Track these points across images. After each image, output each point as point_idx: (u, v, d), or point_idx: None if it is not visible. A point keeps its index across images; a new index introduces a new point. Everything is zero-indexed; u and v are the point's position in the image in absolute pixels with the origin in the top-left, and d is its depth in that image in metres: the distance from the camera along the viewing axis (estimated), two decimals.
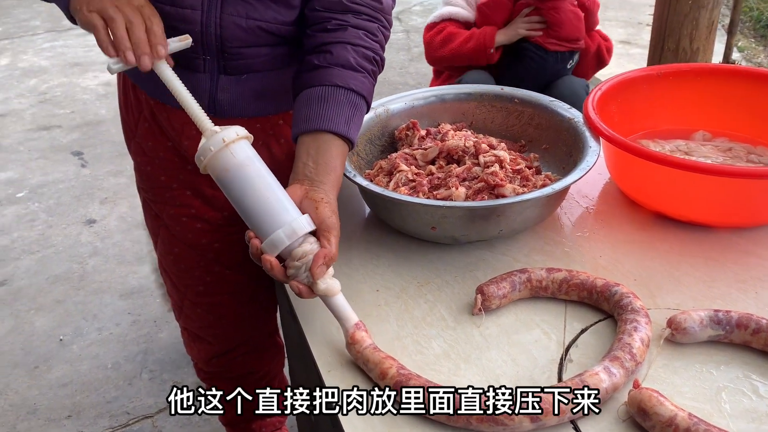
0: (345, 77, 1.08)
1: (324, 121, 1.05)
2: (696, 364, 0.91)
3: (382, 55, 1.16)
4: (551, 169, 1.28)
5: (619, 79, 1.35)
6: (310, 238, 0.96)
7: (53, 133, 4.03)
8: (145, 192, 1.44)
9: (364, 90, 1.10)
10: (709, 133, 1.37)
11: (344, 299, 0.95)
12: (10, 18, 6.05)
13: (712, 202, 1.14)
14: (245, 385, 1.70)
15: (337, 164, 1.05)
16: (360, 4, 1.13)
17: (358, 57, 1.10)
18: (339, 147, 1.05)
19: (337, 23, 1.12)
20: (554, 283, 1.02)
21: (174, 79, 1.03)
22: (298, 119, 1.08)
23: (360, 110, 1.10)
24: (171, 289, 1.54)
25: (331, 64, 1.09)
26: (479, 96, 1.42)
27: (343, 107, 1.07)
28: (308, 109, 1.07)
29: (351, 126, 1.07)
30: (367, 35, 1.12)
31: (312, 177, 1.02)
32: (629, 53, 4.95)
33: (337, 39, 1.11)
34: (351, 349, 0.92)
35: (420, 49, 5.14)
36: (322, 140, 1.04)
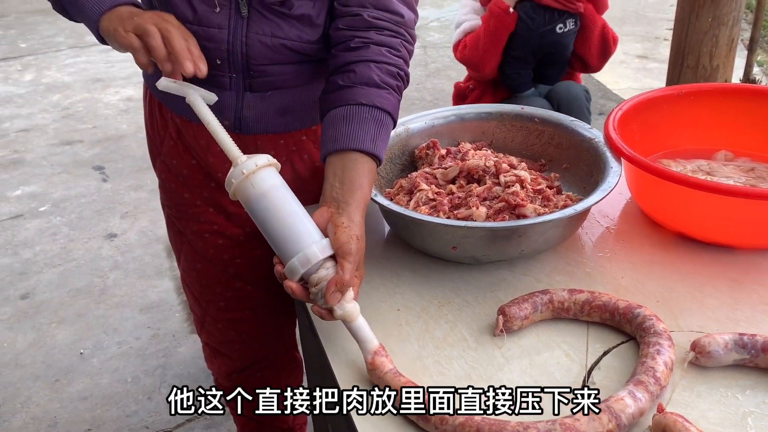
0: (369, 95, 1.09)
1: (349, 139, 1.05)
2: (721, 388, 0.90)
3: (406, 70, 1.16)
4: (572, 189, 1.28)
5: (640, 98, 1.35)
6: (328, 263, 0.96)
7: (75, 148, 4.10)
8: (169, 209, 1.46)
9: (389, 106, 1.10)
10: (732, 153, 1.37)
11: (364, 322, 0.95)
12: (35, 34, 6.17)
13: (735, 224, 1.13)
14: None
15: (364, 182, 1.04)
16: (382, 19, 1.14)
17: (381, 74, 1.11)
18: (365, 164, 1.06)
19: (360, 41, 1.13)
20: (576, 304, 1.02)
21: (205, 110, 1.07)
22: (324, 140, 1.09)
23: (386, 126, 1.10)
24: (193, 304, 1.56)
25: (354, 83, 1.10)
26: (499, 115, 1.42)
27: (369, 125, 1.07)
28: (334, 129, 1.08)
29: (377, 142, 1.07)
30: (390, 51, 1.13)
31: (338, 198, 1.02)
32: (646, 68, 4.94)
33: (360, 57, 1.12)
34: (371, 375, 0.91)
35: (437, 64, 5.16)
36: (348, 159, 1.05)
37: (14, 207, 3.47)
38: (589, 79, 4.49)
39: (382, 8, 1.14)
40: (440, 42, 5.62)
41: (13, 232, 3.23)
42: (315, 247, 0.95)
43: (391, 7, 1.15)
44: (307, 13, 1.16)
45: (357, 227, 0.99)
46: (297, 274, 0.96)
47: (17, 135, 4.29)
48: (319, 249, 0.96)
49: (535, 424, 0.79)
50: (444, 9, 6.41)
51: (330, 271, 0.96)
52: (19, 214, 3.39)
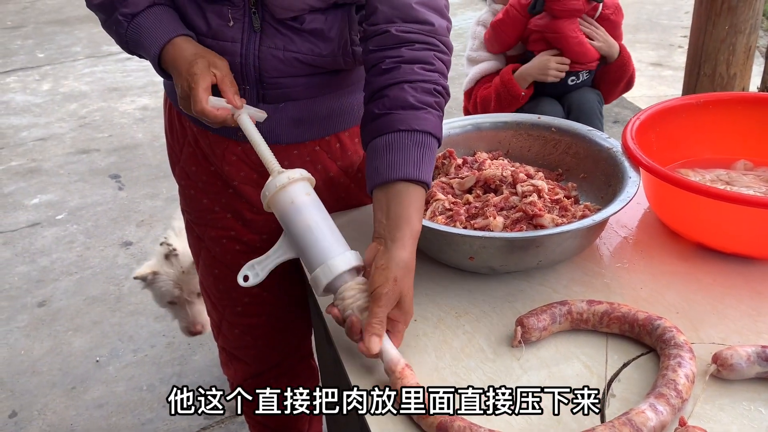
0: (407, 120, 1.04)
1: (392, 169, 1.01)
2: (743, 401, 0.89)
3: (444, 83, 1.11)
4: (589, 199, 1.27)
5: (658, 108, 1.34)
6: (358, 279, 0.98)
7: (92, 157, 4.14)
8: (188, 214, 1.48)
9: (430, 126, 1.05)
10: (751, 163, 1.35)
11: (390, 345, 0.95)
12: (53, 44, 6.25)
13: (755, 234, 1.11)
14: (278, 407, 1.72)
15: (411, 212, 1.00)
16: (411, 32, 1.09)
17: (416, 93, 1.06)
18: (412, 193, 1.01)
19: (392, 62, 1.08)
20: (595, 315, 1.01)
21: (251, 127, 1.11)
22: (369, 174, 1.05)
23: (429, 148, 1.05)
24: (210, 308, 1.58)
25: (390, 109, 1.05)
26: (516, 125, 1.42)
27: (410, 150, 1.02)
28: (376, 161, 1.04)
29: (422, 167, 1.02)
30: (423, 68, 1.08)
31: (384, 236, 0.99)
32: (661, 75, 4.91)
33: (393, 80, 1.07)
34: (397, 384, 0.90)
35: (451, 73, 5.15)
36: (393, 191, 1.01)
37: (31, 215, 3.50)
38: None
39: (411, 20, 1.09)
40: (455, 51, 5.62)
41: (30, 240, 3.27)
42: (339, 258, 0.97)
43: (420, 17, 1.10)
44: (319, 27, 1.17)
45: (399, 268, 0.95)
46: (320, 286, 0.98)
47: (35, 144, 4.34)
48: (341, 261, 0.97)
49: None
50: (457, 17, 6.42)
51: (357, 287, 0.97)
52: (37, 222, 3.43)
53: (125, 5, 1.15)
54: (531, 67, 2.36)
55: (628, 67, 2.45)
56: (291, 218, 1.02)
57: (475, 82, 2.49)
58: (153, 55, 1.15)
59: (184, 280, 2.00)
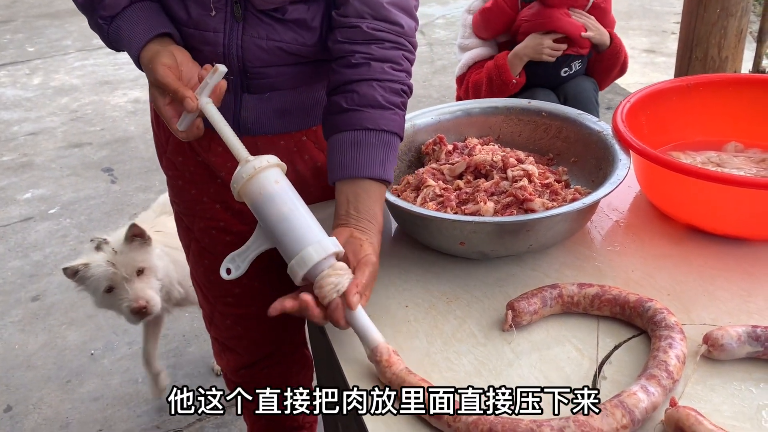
0: (375, 119, 1.08)
1: (359, 167, 1.06)
2: (734, 381, 0.89)
3: (409, 83, 1.15)
4: (580, 183, 1.27)
5: (648, 90, 1.34)
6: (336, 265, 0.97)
7: (84, 150, 4.12)
8: (177, 205, 1.47)
9: (395, 127, 1.10)
10: (741, 144, 1.35)
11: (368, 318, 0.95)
12: (43, 38, 6.21)
13: (746, 215, 1.11)
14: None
15: (377, 210, 1.06)
16: (381, 30, 1.12)
17: (385, 93, 1.09)
18: (376, 191, 1.07)
19: (362, 57, 1.10)
20: (586, 298, 1.01)
21: (215, 113, 1.08)
22: (333, 166, 1.09)
23: (393, 147, 1.10)
24: (202, 300, 1.57)
25: (359, 105, 1.09)
26: (506, 110, 1.41)
27: (377, 150, 1.07)
28: (342, 155, 1.07)
29: (386, 166, 1.08)
30: (392, 67, 1.11)
31: (356, 225, 1.04)
32: (654, 62, 4.91)
33: (363, 76, 1.10)
34: (385, 372, 0.90)
35: (443, 61, 5.15)
36: (360, 187, 1.06)
37: (24, 210, 3.49)
38: None
39: (382, 19, 1.12)
40: (446, 39, 5.60)
41: (23, 235, 3.25)
42: (330, 240, 0.97)
43: (390, 18, 1.12)
44: (301, 18, 1.16)
45: (377, 247, 1.03)
46: (307, 266, 0.95)
47: (26, 138, 4.32)
48: (315, 250, 0.95)
49: (549, 422, 0.78)
50: (449, 6, 6.39)
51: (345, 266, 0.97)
52: (29, 217, 3.41)
53: (103, 8, 1.13)
54: (525, 47, 2.34)
55: (620, 54, 2.45)
56: (261, 209, 1.00)
57: (467, 67, 2.49)
58: (134, 58, 1.15)
59: (119, 260, 1.85)
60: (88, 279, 1.86)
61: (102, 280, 1.85)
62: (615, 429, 0.79)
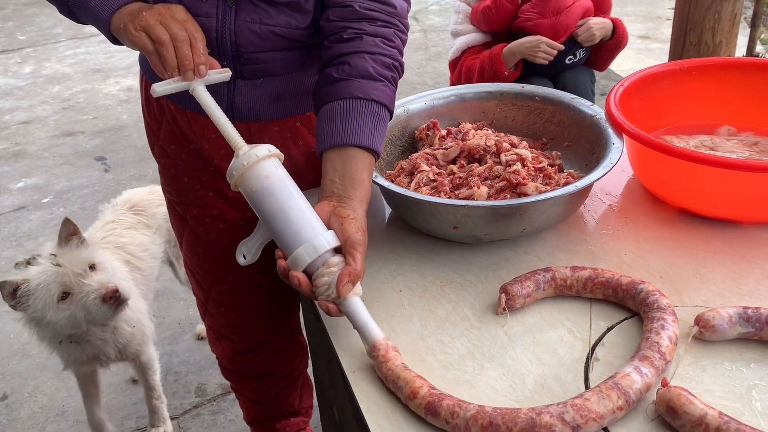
0: (365, 88, 1.08)
1: (347, 135, 1.04)
2: (725, 362, 0.89)
3: (401, 60, 1.15)
4: (574, 167, 1.27)
5: (642, 74, 1.34)
6: (334, 258, 0.96)
7: (77, 139, 4.10)
8: (169, 194, 1.46)
9: (386, 99, 1.09)
10: (734, 128, 1.35)
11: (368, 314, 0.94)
12: (33, 26, 6.15)
13: (738, 198, 1.12)
14: (269, 384, 1.74)
15: (364, 177, 1.04)
16: (374, 10, 1.12)
17: (376, 65, 1.09)
18: (365, 159, 1.05)
19: (353, 32, 1.11)
20: (579, 281, 1.01)
21: (209, 101, 1.06)
22: (321, 135, 1.07)
23: (383, 120, 1.09)
24: (196, 288, 1.57)
25: (350, 75, 1.08)
26: (500, 94, 1.41)
27: (366, 119, 1.06)
28: (331, 124, 1.06)
29: (375, 137, 1.06)
30: (384, 42, 1.11)
31: (340, 193, 1.02)
32: (649, 48, 4.90)
33: (354, 49, 1.10)
34: (381, 367, 0.89)
35: (437, 48, 5.13)
36: (347, 155, 1.04)
37: (17, 199, 3.47)
38: None
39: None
40: (440, 25, 5.58)
41: (16, 224, 3.24)
42: (322, 238, 0.95)
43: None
44: (295, 0, 1.15)
45: (362, 220, 0.99)
46: (300, 266, 0.95)
47: (18, 127, 4.29)
48: (326, 240, 0.95)
49: (547, 408, 0.79)
50: None
51: (339, 262, 0.95)
52: (22, 206, 3.40)
53: None
54: (521, 44, 2.34)
55: (623, 41, 2.46)
56: (258, 202, 0.99)
57: (460, 52, 2.48)
58: (103, 18, 1.08)
59: (65, 261, 1.57)
60: (32, 294, 1.55)
61: (52, 286, 1.55)
62: (611, 411, 0.79)
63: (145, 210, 2.10)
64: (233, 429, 2.11)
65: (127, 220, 2.05)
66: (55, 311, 1.56)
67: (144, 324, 1.89)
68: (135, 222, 2.06)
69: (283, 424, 1.82)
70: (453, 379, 0.90)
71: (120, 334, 1.78)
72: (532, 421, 0.77)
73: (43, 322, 1.61)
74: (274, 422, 1.81)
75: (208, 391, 2.26)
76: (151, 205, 2.12)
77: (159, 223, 2.11)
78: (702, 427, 0.75)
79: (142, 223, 2.07)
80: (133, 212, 2.08)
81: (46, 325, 1.61)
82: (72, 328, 1.62)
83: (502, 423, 0.78)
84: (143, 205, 2.11)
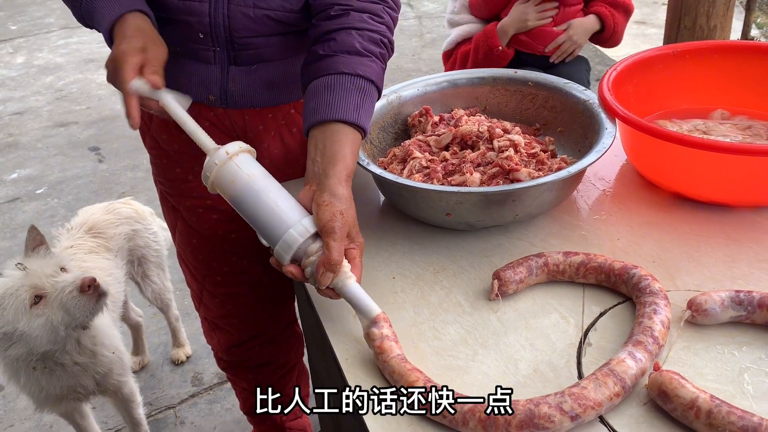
0: (351, 63, 1.05)
1: (331, 110, 1.01)
2: (717, 345, 0.89)
3: (390, 37, 1.12)
4: (567, 152, 1.26)
5: (635, 59, 1.33)
6: (317, 242, 0.95)
7: (70, 130, 4.07)
8: (161, 184, 1.45)
9: (373, 75, 1.06)
10: (728, 112, 1.35)
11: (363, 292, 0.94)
12: (25, 16, 6.10)
13: (731, 182, 1.12)
14: (265, 374, 1.74)
15: (347, 152, 0.99)
16: None
17: (363, 41, 1.07)
18: (349, 135, 1.01)
19: (340, 8, 1.09)
20: (571, 266, 1.01)
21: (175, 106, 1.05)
22: (306, 113, 1.05)
23: (370, 96, 1.05)
24: (190, 279, 1.56)
25: (335, 51, 1.06)
26: (492, 80, 1.40)
27: (351, 94, 1.02)
28: (315, 100, 1.03)
29: (361, 113, 1.02)
30: (371, 18, 1.09)
31: (319, 173, 0.98)
32: (645, 33, 4.88)
33: (341, 25, 1.08)
34: (377, 359, 0.88)
35: (432, 35, 5.10)
36: (330, 131, 1.00)
37: (11, 190, 3.46)
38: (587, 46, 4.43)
39: None
40: (435, 12, 5.55)
41: (10, 216, 3.23)
42: (293, 231, 0.94)
43: None
44: None
45: (341, 201, 0.95)
46: (285, 260, 0.95)
47: (11, 118, 4.27)
48: (298, 232, 0.94)
49: (545, 398, 0.78)
50: None
51: (317, 251, 0.94)
52: (17, 197, 3.39)
53: None
54: (509, 19, 2.28)
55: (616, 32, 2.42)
56: (239, 195, 0.98)
57: (455, 44, 2.44)
58: (105, 30, 1.10)
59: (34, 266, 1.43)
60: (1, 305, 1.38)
61: (21, 291, 1.38)
62: (609, 398, 0.79)
63: (103, 232, 1.91)
64: (230, 418, 2.11)
65: (86, 244, 1.86)
66: (28, 319, 1.38)
67: (122, 351, 1.72)
68: (95, 246, 1.88)
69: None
70: (446, 365, 0.90)
71: (99, 361, 1.60)
72: (531, 413, 0.77)
73: (15, 337, 1.40)
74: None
75: (204, 380, 2.26)
76: (109, 226, 1.94)
77: (120, 244, 1.94)
78: (693, 411, 0.76)
79: (102, 246, 1.89)
80: (91, 235, 1.89)
81: (19, 339, 1.40)
82: (49, 339, 1.41)
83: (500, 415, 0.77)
84: (101, 226, 1.92)
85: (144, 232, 2.03)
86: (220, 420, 2.11)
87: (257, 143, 1.31)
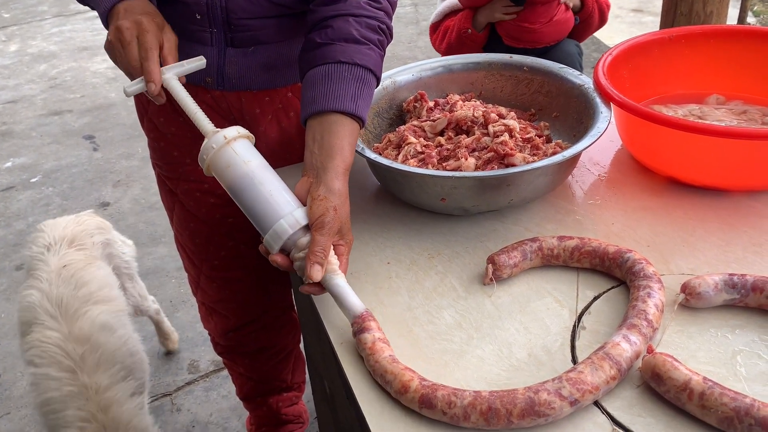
0: (349, 52, 1.03)
1: (328, 100, 1.00)
2: (711, 328, 0.90)
3: (388, 23, 1.11)
4: (562, 137, 1.26)
5: (630, 43, 1.32)
6: (307, 235, 0.94)
7: (65, 118, 4.05)
8: (159, 168, 1.45)
9: (371, 63, 1.05)
10: (723, 97, 1.35)
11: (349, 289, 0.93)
12: (18, 4, 6.05)
13: (726, 166, 1.11)
14: (261, 360, 1.74)
15: (344, 144, 0.99)
16: None
17: (361, 28, 1.05)
18: (347, 126, 1.00)
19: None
20: (566, 251, 1.01)
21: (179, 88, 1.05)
22: (303, 103, 1.04)
23: (368, 85, 1.04)
24: (188, 263, 1.56)
25: (333, 39, 1.04)
26: (488, 65, 1.40)
27: (349, 83, 1.01)
28: (313, 90, 1.02)
29: (359, 102, 1.01)
30: (369, 3, 1.08)
31: (316, 165, 0.97)
32: (641, 21, 4.87)
33: (338, 12, 1.07)
34: (368, 360, 0.86)
35: (428, 22, 5.08)
36: (328, 122, 0.99)
37: (5, 179, 3.44)
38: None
39: None
40: None
41: (5, 204, 3.22)
42: (284, 222, 0.93)
43: None
44: None
45: (336, 196, 0.95)
46: (274, 249, 0.95)
47: (5, 107, 4.24)
48: (289, 224, 0.93)
49: (543, 385, 0.78)
50: None
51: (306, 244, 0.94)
52: (11, 186, 3.37)
53: None
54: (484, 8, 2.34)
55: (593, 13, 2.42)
56: (233, 180, 0.97)
57: (443, 15, 2.47)
58: (105, 9, 1.08)
59: None
60: None
61: None
62: (606, 381, 0.79)
63: (84, 242, 1.87)
64: (226, 405, 2.12)
65: (77, 258, 1.82)
66: None
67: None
68: (84, 258, 1.84)
69: (276, 399, 1.83)
70: (440, 349, 0.90)
71: None
72: (531, 401, 0.77)
73: None
74: (267, 397, 1.82)
75: (200, 368, 2.27)
76: (86, 236, 1.89)
77: (101, 252, 1.92)
78: (686, 393, 0.76)
79: (90, 257, 1.86)
80: (76, 249, 1.85)
81: None
82: None
83: (501, 406, 0.77)
84: (81, 238, 1.88)
85: (113, 242, 1.98)
86: (216, 407, 2.12)
87: (254, 127, 1.31)
